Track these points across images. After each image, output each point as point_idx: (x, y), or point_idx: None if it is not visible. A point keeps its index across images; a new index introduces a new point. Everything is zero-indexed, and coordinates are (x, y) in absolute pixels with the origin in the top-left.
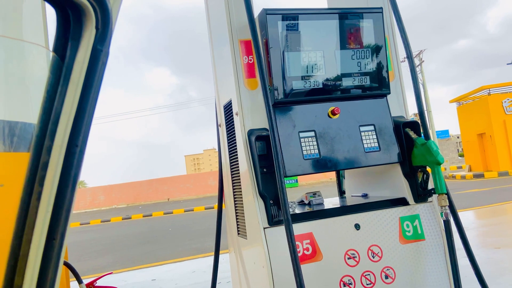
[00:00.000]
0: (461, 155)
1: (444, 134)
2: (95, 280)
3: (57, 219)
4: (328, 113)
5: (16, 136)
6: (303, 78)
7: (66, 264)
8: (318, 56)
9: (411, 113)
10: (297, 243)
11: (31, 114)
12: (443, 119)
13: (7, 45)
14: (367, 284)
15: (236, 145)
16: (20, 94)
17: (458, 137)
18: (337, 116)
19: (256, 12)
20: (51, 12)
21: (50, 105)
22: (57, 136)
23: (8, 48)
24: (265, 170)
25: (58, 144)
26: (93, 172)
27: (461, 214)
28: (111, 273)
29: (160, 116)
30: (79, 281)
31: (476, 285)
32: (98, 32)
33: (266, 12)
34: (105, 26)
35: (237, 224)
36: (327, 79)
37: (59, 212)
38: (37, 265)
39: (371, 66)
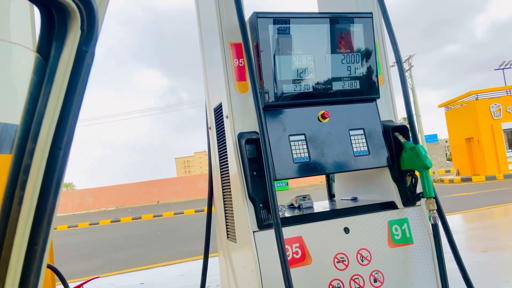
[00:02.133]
0: (449, 159)
1: (432, 138)
2: (82, 284)
3: (39, 224)
4: (318, 117)
5: None
6: (293, 81)
7: (52, 267)
8: (309, 60)
9: (400, 117)
10: (286, 246)
11: (14, 115)
12: (432, 123)
13: None
14: None
15: (226, 148)
16: (3, 95)
17: (446, 142)
18: (327, 120)
19: (247, 15)
20: (38, 13)
21: (33, 106)
22: (40, 138)
23: None
24: (255, 173)
25: (41, 146)
26: (81, 174)
27: (449, 218)
28: (98, 277)
29: (150, 118)
30: (65, 285)
31: None
32: (84, 33)
33: (257, 15)
34: (91, 27)
35: (227, 228)
36: (317, 83)
37: (41, 217)
38: (19, 270)
39: (361, 70)
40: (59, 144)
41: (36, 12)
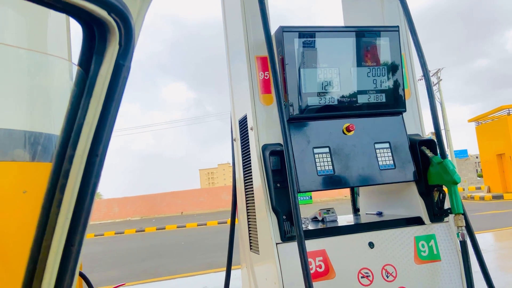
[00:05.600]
0: (480, 176)
1: (462, 153)
2: None
3: (75, 226)
4: (343, 130)
5: (40, 145)
6: (318, 94)
7: (80, 274)
8: (334, 73)
9: (428, 131)
10: (309, 259)
11: (54, 125)
12: (462, 138)
13: (33, 58)
14: None
15: (250, 160)
16: (45, 105)
17: (477, 157)
18: (352, 132)
19: (273, 29)
20: (75, 28)
21: (74, 116)
22: (79, 145)
23: (34, 62)
24: (278, 185)
25: (79, 153)
26: (108, 184)
27: (479, 236)
28: (124, 284)
29: (176, 130)
30: None
31: None
32: (121, 48)
33: (283, 30)
34: (128, 42)
35: (250, 239)
36: (342, 96)
37: (78, 219)
38: (55, 270)
39: (387, 83)
40: (96, 151)
41: (74, 27)
